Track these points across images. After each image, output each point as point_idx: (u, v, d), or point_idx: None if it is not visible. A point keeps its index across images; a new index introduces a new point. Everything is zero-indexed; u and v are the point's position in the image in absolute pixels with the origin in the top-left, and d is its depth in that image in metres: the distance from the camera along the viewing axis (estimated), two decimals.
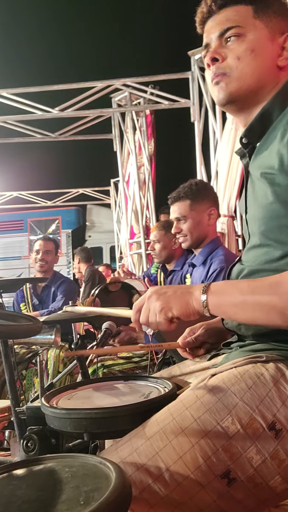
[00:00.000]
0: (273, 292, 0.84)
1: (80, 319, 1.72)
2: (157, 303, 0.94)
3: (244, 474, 0.80)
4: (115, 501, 0.57)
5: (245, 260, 1.07)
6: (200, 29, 1.11)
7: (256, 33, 1.02)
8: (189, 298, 0.93)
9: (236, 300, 0.89)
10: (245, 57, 1.02)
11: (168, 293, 0.95)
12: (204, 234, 2.20)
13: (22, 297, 3.75)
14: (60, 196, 10.42)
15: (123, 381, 1.15)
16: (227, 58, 1.03)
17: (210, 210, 2.19)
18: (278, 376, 0.87)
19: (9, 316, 1.19)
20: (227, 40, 1.04)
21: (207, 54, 1.07)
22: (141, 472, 0.81)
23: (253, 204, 1.03)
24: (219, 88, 1.05)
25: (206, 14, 1.08)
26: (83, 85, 5.88)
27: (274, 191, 0.94)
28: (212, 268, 2.08)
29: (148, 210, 6.67)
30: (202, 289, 0.92)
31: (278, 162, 0.93)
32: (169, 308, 0.93)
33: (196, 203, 2.18)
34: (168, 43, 11.65)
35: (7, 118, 6.16)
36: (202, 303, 0.91)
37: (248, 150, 1.09)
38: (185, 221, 2.19)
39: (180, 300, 0.94)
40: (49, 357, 2.99)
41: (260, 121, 1.05)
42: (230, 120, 4.40)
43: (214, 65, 1.05)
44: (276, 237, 0.96)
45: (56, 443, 1.06)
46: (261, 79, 1.03)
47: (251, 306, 0.87)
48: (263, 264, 0.98)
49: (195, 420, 0.84)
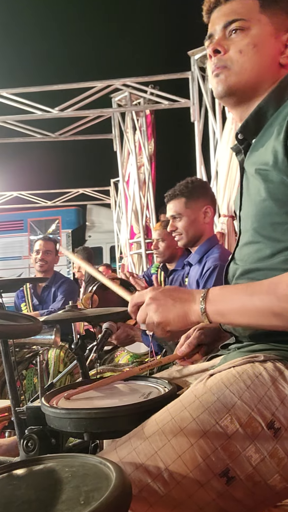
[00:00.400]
0: (271, 296, 0.83)
1: (80, 319, 1.72)
2: (155, 316, 0.94)
3: (243, 473, 0.81)
4: (115, 501, 0.57)
5: (238, 258, 1.07)
6: (207, 18, 1.11)
7: (261, 28, 1.02)
8: (188, 310, 0.93)
9: (235, 306, 0.89)
10: (247, 51, 1.02)
11: (167, 303, 0.94)
12: (199, 232, 2.19)
13: (23, 297, 3.75)
14: (60, 196, 10.41)
15: (123, 381, 1.15)
16: (229, 51, 1.04)
17: (206, 208, 2.18)
18: (277, 375, 0.87)
19: (9, 316, 1.19)
20: (231, 32, 1.04)
21: (210, 45, 1.07)
22: (140, 472, 0.81)
23: (247, 201, 1.03)
24: (218, 80, 1.05)
25: (213, 4, 1.08)
26: (83, 85, 5.88)
27: (267, 188, 0.94)
28: (206, 266, 2.08)
29: (148, 210, 6.66)
30: (201, 299, 0.91)
31: (272, 159, 0.93)
32: (167, 323, 0.94)
33: (191, 201, 2.17)
34: (168, 43, 11.65)
35: (7, 118, 6.15)
36: (202, 313, 0.90)
37: (244, 147, 1.09)
38: (180, 219, 2.18)
39: (178, 313, 0.93)
40: (50, 357, 2.99)
41: (256, 117, 1.05)
42: (230, 120, 4.39)
43: (216, 57, 1.05)
44: (268, 234, 0.96)
45: (56, 443, 1.06)
46: (260, 75, 1.03)
47: (251, 311, 0.86)
48: (255, 262, 0.98)
49: (194, 419, 0.84)
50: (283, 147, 0.91)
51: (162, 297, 0.96)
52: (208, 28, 1.10)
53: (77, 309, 1.57)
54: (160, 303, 0.95)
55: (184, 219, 2.17)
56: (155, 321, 0.94)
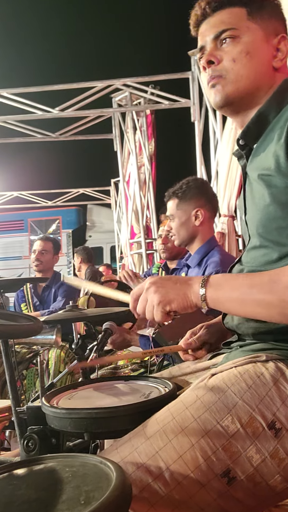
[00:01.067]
0: (272, 288, 0.83)
1: (81, 319, 1.72)
2: (155, 296, 0.93)
3: (244, 473, 0.80)
4: (116, 501, 0.57)
5: (245, 261, 1.07)
6: (194, 31, 1.11)
7: (251, 35, 1.03)
8: (187, 291, 0.92)
9: (235, 295, 0.89)
10: (240, 59, 1.02)
11: (167, 285, 0.94)
12: (190, 234, 2.15)
13: (23, 297, 3.75)
14: (60, 196, 10.42)
15: (123, 381, 1.15)
16: (222, 61, 1.04)
17: (197, 211, 2.12)
18: (278, 376, 0.87)
19: (9, 316, 1.19)
20: (222, 42, 1.04)
21: (202, 56, 1.07)
22: (141, 471, 0.81)
23: (251, 206, 1.03)
24: (215, 91, 1.05)
25: (200, 16, 1.08)
26: (83, 85, 5.88)
27: (271, 193, 0.94)
28: (207, 271, 2.06)
29: (149, 210, 6.67)
30: (201, 282, 0.91)
31: (274, 164, 0.93)
32: (167, 301, 0.93)
33: (183, 203, 2.14)
34: (168, 43, 11.66)
35: (7, 118, 6.16)
36: (201, 296, 0.90)
37: (246, 152, 1.09)
38: (173, 220, 2.17)
39: (178, 292, 0.93)
40: (50, 357, 2.99)
41: (257, 122, 1.05)
42: (230, 120, 4.39)
43: (210, 68, 1.05)
44: (274, 239, 0.96)
45: (56, 442, 1.06)
46: (257, 81, 1.03)
47: (250, 301, 0.86)
48: (262, 265, 0.98)
49: (195, 419, 0.84)
50: (284, 152, 0.90)
51: (161, 280, 0.96)
52: (198, 40, 1.10)
53: (77, 309, 1.57)
54: (160, 285, 0.94)
55: (176, 220, 2.15)
56: (155, 301, 0.93)
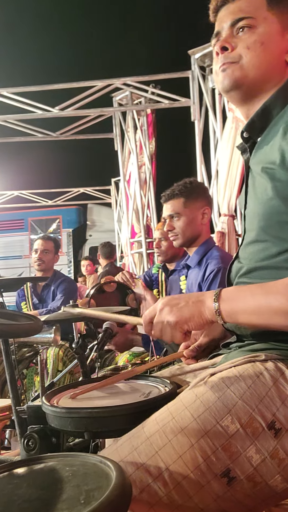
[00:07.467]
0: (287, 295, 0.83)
1: (81, 319, 1.72)
2: (171, 318, 0.92)
3: (244, 473, 0.80)
4: (116, 500, 0.57)
5: (243, 257, 1.06)
6: (213, 17, 1.11)
7: (267, 26, 1.03)
8: (201, 308, 0.92)
9: (250, 306, 0.88)
10: (254, 48, 1.02)
11: (180, 304, 0.93)
12: (196, 233, 2.18)
13: (23, 296, 3.77)
14: (60, 195, 10.42)
15: (123, 380, 1.15)
16: (236, 48, 1.04)
17: (204, 209, 2.17)
18: (278, 376, 0.87)
19: (9, 315, 1.19)
20: (239, 30, 1.04)
21: (217, 42, 1.07)
22: (141, 472, 0.81)
23: (253, 200, 1.03)
24: (225, 75, 1.05)
25: (220, 2, 1.08)
26: (83, 84, 5.88)
27: (275, 187, 0.93)
28: (208, 269, 2.06)
29: (149, 209, 6.66)
30: (214, 297, 0.90)
31: (279, 158, 0.93)
32: (184, 321, 0.92)
33: (190, 201, 2.16)
34: (168, 42, 11.64)
35: (7, 117, 6.15)
36: (215, 311, 0.90)
37: (249, 145, 1.09)
38: (179, 219, 2.17)
39: (193, 311, 0.92)
40: (49, 356, 3.00)
41: (261, 116, 1.05)
42: (230, 119, 4.40)
43: (223, 54, 1.05)
44: (275, 233, 0.95)
45: (56, 442, 1.06)
46: (267, 72, 1.03)
47: (266, 310, 0.85)
48: (262, 261, 0.98)
49: (194, 419, 0.84)
50: None
51: (173, 300, 0.95)
52: (215, 26, 1.10)
53: (77, 308, 1.56)
54: (173, 305, 0.94)
55: (183, 219, 2.16)
56: (172, 322, 0.92)
